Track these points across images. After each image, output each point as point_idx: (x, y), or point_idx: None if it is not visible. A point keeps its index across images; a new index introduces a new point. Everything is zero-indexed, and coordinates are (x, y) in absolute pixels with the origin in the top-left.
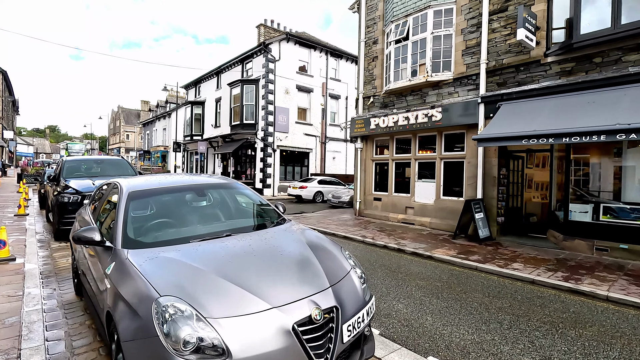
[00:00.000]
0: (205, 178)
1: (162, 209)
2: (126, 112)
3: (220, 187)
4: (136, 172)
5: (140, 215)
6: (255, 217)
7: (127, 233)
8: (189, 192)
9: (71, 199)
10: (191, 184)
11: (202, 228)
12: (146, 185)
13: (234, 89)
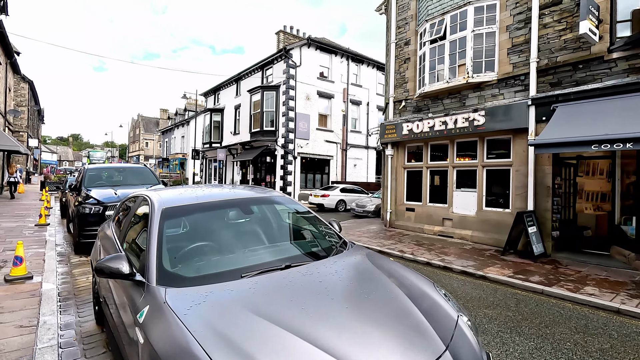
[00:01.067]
0: (246, 190)
1: (201, 229)
2: (146, 120)
3: (266, 201)
4: (159, 181)
5: (176, 236)
6: (312, 240)
7: (163, 264)
8: (232, 208)
9: (92, 209)
10: (233, 198)
11: (252, 255)
12: (181, 200)
13: (254, 96)
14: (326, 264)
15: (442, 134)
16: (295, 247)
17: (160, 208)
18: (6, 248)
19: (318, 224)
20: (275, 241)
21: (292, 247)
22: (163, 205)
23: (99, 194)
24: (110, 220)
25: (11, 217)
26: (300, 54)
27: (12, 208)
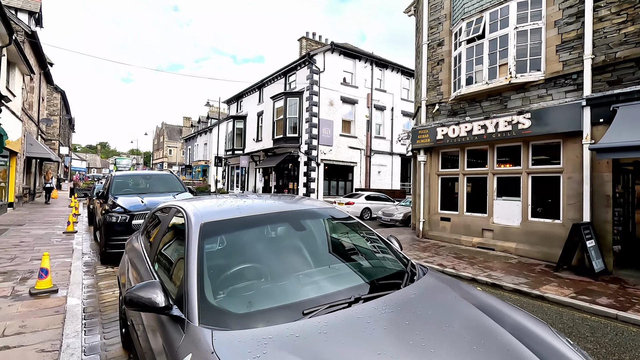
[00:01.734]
0: (291, 202)
1: (247, 249)
2: (169, 128)
3: (318, 214)
4: (185, 188)
5: (218, 257)
6: (376, 263)
7: (206, 295)
8: (280, 223)
9: (119, 218)
10: (280, 210)
11: (310, 283)
12: (221, 213)
13: (277, 102)
14: (405, 296)
15: (481, 139)
16: (359, 272)
17: (199, 223)
18: (33, 257)
19: (377, 241)
20: (333, 263)
21: (356, 272)
22: (201, 220)
23: (126, 202)
24: (139, 233)
25: (41, 224)
26: (323, 60)
27: (43, 215)
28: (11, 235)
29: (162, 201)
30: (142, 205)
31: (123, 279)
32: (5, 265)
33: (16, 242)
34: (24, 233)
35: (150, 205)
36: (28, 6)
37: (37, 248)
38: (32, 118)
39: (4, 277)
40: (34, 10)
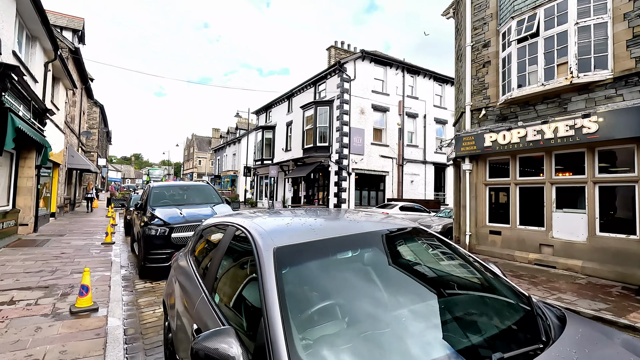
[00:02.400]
0: (371, 219)
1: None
2: (199, 139)
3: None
4: (222, 199)
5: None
6: (500, 304)
7: (296, 349)
8: (369, 247)
9: (158, 231)
10: (364, 231)
11: (423, 333)
12: (294, 235)
13: (307, 111)
14: (565, 357)
15: (536, 145)
16: (478, 314)
17: (270, 247)
18: (74, 270)
19: (477, 267)
20: (442, 301)
21: (474, 315)
22: (272, 243)
23: (165, 214)
24: (187, 253)
25: (81, 235)
26: (354, 68)
27: (82, 225)
28: (53, 246)
29: (200, 213)
30: (181, 217)
31: (171, 299)
32: (47, 279)
33: (57, 254)
34: (65, 244)
35: (189, 218)
36: (72, 24)
37: (77, 260)
38: (73, 131)
39: (45, 293)
40: (78, 28)
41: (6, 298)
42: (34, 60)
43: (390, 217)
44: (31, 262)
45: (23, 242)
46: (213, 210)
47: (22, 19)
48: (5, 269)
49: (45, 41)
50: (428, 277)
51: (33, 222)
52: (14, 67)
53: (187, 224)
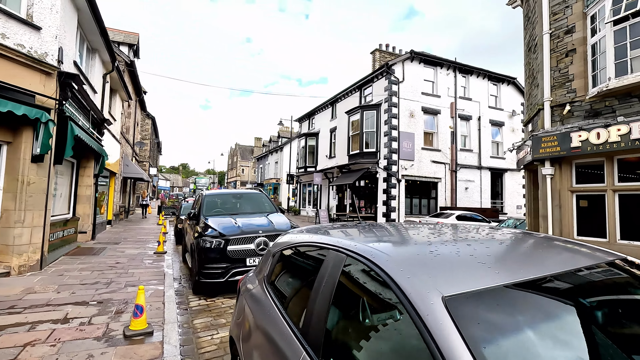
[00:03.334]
0: (561, 246)
1: None
2: (242, 148)
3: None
4: (276, 208)
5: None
6: None
7: None
8: (590, 294)
9: (213, 243)
10: (576, 266)
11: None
12: (461, 272)
13: (353, 116)
14: None
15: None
16: None
17: (436, 297)
18: (128, 282)
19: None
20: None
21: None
22: (436, 289)
23: (219, 225)
24: (263, 280)
25: (134, 243)
26: (402, 69)
27: (136, 232)
28: (108, 255)
29: (256, 223)
30: (237, 228)
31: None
32: (102, 292)
33: (112, 263)
34: (119, 252)
35: (245, 229)
36: (128, 40)
37: (130, 271)
38: (128, 141)
39: (99, 309)
40: (133, 42)
41: (60, 315)
42: (94, 71)
43: (553, 240)
44: (87, 272)
45: (81, 250)
46: (269, 221)
47: (82, 31)
48: (63, 279)
49: (104, 53)
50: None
51: (91, 229)
52: (74, 76)
53: (244, 236)
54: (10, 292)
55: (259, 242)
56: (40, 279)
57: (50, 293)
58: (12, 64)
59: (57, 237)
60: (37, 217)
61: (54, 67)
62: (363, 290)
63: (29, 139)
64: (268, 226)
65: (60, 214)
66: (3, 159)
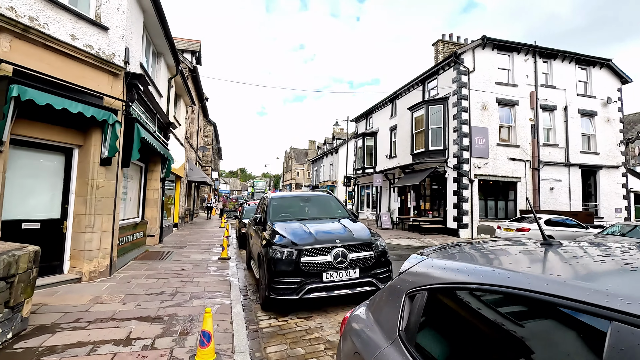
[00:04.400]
0: None
1: None
2: (296, 151)
3: None
4: (348, 213)
5: None
6: None
7: None
8: None
9: (284, 254)
10: None
11: None
12: None
13: (416, 113)
14: None
15: None
16: None
17: None
18: (193, 294)
19: None
20: None
21: None
22: None
23: (289, 232)
24: (399, 337)
25: (199, 247)
26: (473, 58)
27: (200, 236)
28: (174, 260)
29: (331, 231)
30: (310, 236)
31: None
32: (167, 305)
33: (178, 270)
34: (185, 257)
35: (320, 238)
36: (191, 47)
37: (196, 279)
38: (192, 146)
39: (163, 328)
40: (195, 49)
41: (124, 333)
42: (159, 75)
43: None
44: (153, 279)
45: (149, 254)
46: (345, 228)
47: (148, 34)
48: (129, 287)
49: (169, 57)
50: None
51: (158, 233)
52: (140, 76)
53: (319, 246)
54: (79, 301)
55: (337, 253)
56: (109, 286)
57: (116, 304)
58: (82, 66)
59: (126, 241)
60: (105, 222)
61: (121, 68)
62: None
63: (97, 142)
64: (345, 235)
65: (130, 218)
66: (75, 163)
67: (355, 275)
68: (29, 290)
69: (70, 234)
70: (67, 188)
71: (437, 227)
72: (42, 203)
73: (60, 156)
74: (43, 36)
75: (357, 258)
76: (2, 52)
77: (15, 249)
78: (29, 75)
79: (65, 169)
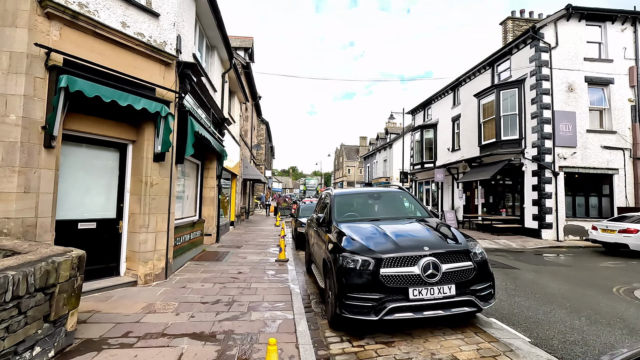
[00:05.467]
0: None
1: None
2: (347, 148)
3: None
4: (427, 211)
5: None
6: None
7: None
8: None
9: (359, 263)
10: None
11: None
12: None
13: (484, 99)
14: None
15: None
16: None
17: None
18: (251, 305)
19: None
20: None
21: None
22: None
23: (362, 235)
24: None
25: (255, 247)
26: (555, 32)
27: (256, 234)
28: (231, 262)
29: (415, 235)
30: (388, 240)
31: None
32: (222, 317)
33: (234, 274)
34: (241, 259)
35: (403, 243)
36: (244, 44)
37: (253, 286)
38: (247, 144)
39: (218, 351)
40: (248, 46)
41: (174, 355)
42: (213, 69)
43: None
44: (209, 284)
45: (206, 255)
46: (431, 230)
47: (201, 26)
48: (184, 294)
49: (222, 50)
50: None
51: (215, 232)
52: (192, 65)
53: (403, 254)
54: (131, 309)
55: (426, 264)
56: (164, 291)
57: (169, 314)
58: (132, 55)
59: (184, 241)
60: (160, 221)
61: (173, 57)
62: None
63: (150, 137)
64: (434, 240)
65: (188, 216)
66: (129, 159)
67: (450, 293)
68: (73, 300)
69: (126, 234)
70: (122, 186)
71: (513, 227)
72: (98, 202)
73: (115, 152)
74: (93, 23)
75: (453, 270)
76: (52, 40)
77: (57, 254)
78: (79, 65)
79: (119, 165)
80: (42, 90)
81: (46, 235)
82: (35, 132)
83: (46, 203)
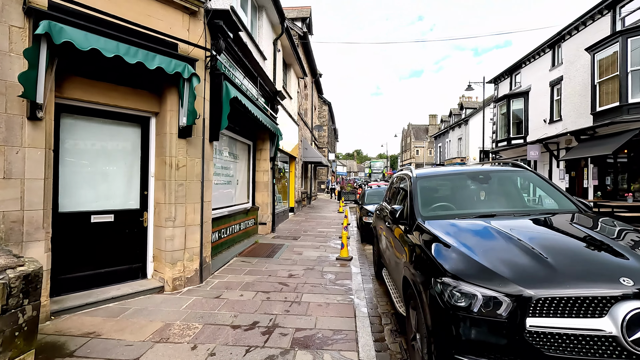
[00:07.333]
0: None
1: None
2: (415, 128)
3: None
4: (573, 200)
5: None
6: None
7: None
8: None
9: (479, 303)
10: None
11: None
12: None
13: (601, 53)
14: None
15: None
16: None
17: None
18: (297, 336)
19: None
20: None
21: None
22: None
23: (479, 246)
24: None
25: (314, 238)
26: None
27: (316, 223)
28: (283, 258)
29: (587, 245)
30: (532, 257)
31: None
32: (256, 343)
33: (284, 277)
34: (296, 255)
35: (568, 267)
36: (301, 14)
37: (305, 299)
38: (307, 124)
39: None
40: (305, 16)
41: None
42: (261, 34)
43: None
44: (251, 293)
45: (257, 249)
46: (611, 239)
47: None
48: (215, 309)
49: (272, 11)
50: None
51: (270, 220)
52: (224, 13)
53: (577, 293)
54: (140, 333)
55: (633, 316)
56: (192, 303)
57: (183, 348)
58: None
59: (232, 232)
60: (190, 213)
61: (200, 2)
62: None
63: (174, 106)
64: (636, 262)
65: (240, 203)
66: (152, 136)
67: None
68: (20, 341)
69: (152, 228)
70: (145, 169)
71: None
72: (116, 190)
73: (136, 128)
74: None
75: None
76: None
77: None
78: (71, 11)
79: (142, 144)
80: (21, 43)
81: (37, 233)
82: (16, 99)
83: (35, 192)
